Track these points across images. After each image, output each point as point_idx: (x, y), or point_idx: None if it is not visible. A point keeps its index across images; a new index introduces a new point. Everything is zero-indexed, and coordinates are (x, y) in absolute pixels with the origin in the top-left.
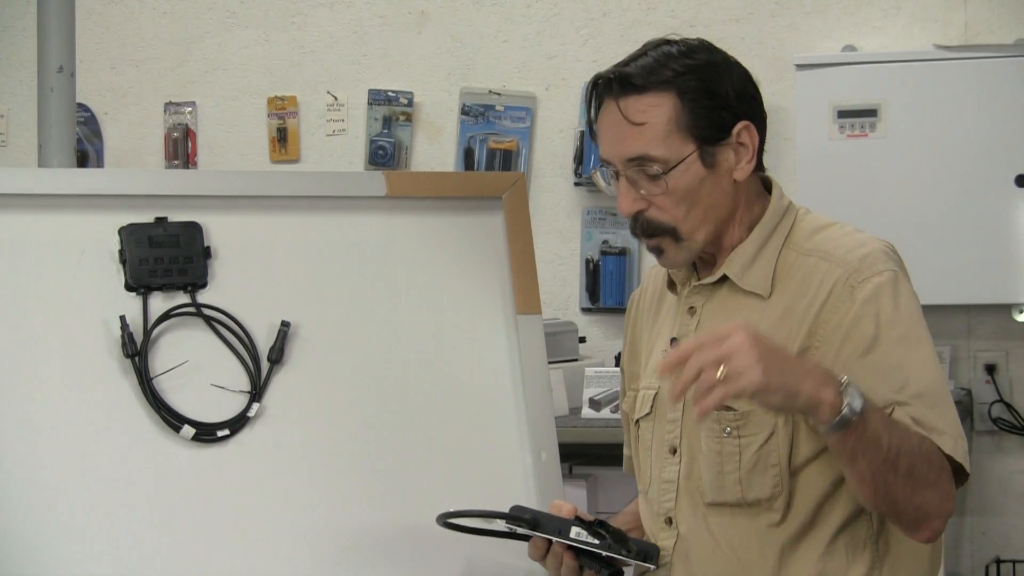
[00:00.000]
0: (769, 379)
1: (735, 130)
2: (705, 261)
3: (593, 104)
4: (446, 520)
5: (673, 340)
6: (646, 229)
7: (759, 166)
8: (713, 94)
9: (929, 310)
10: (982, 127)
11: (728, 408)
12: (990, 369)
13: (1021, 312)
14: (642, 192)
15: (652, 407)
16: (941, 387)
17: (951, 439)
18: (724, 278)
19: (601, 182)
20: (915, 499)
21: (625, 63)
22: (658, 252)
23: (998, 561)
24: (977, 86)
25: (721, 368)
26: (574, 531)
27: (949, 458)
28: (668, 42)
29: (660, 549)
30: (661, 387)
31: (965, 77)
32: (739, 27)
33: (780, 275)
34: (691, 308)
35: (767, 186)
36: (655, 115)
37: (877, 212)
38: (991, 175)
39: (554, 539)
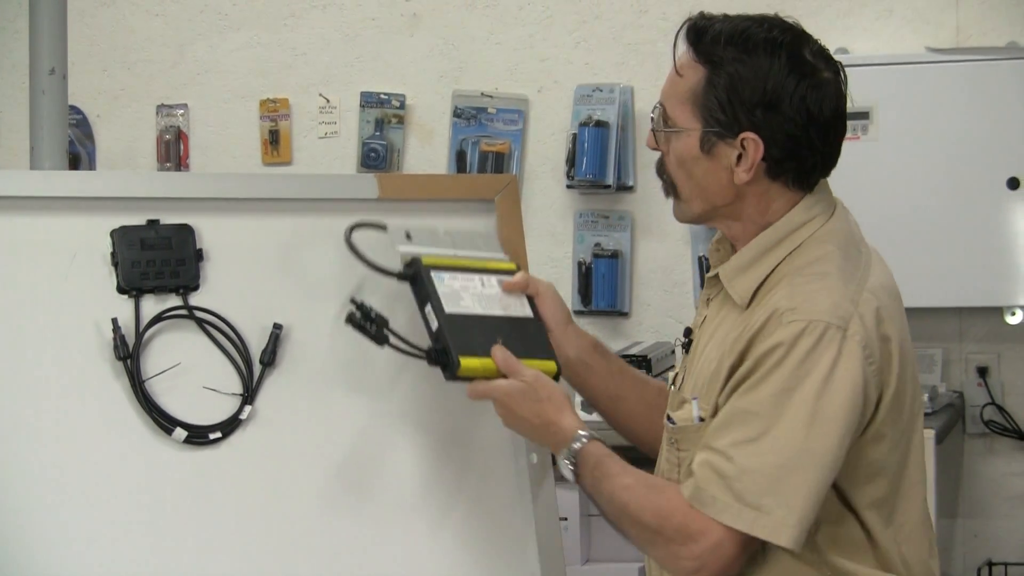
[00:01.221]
0: (512, 428)
1: (740, 137)
2: (735, 250)
3: None
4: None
5: (688, 330)
6: (659, 171)
7: (801, 183)
8: (735, 94)
9: (921, 312)
10: (974, 130)
11: (671, 421)
12: (982, 372)
13: (1013, 314)
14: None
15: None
16: (777, 464)
17: (745, 512)
18: None
19: None
20: (649, 555)
21: (719, 17)
22: (668, 196)
23: (990, 564)
24: (969, 89)
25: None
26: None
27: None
28: (762, 23)
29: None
30: (678, 372)
31: (957, 80)
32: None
33: (766, 288)
34: (708, 299)
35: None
36: (688, 76)
37: (868, 215)
38: (983, 178)
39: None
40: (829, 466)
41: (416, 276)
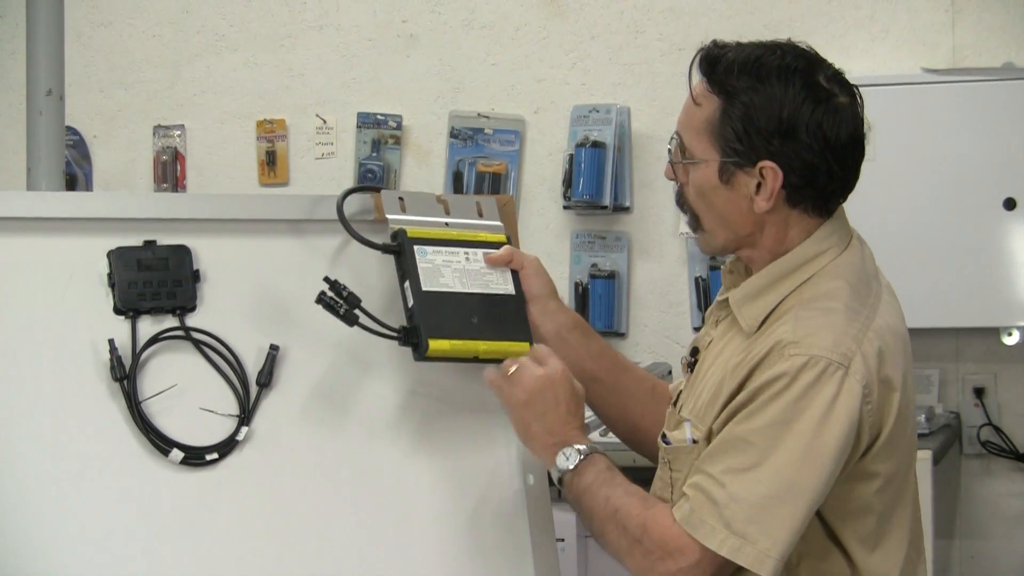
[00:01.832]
0: (516, 407)
1: (759, 165)
2: (750, 273)
3: None
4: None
5: (694, 350)
6: (679, 203)
7: (819, 210)
8: (751, 123)
9: (918, 333)
10: (971, 150)
11: (666, 441)
12: (978, 392)
13: (1010, 335)
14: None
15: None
16: (767, 495)
17: (730, 539)
18: None
19: None
20: (623, 564)
21: (731, 46)
22: (692, 229)
23: None
24: (965, 109)
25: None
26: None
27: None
28: (775, 50)
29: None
30: (684, 388)
31: (953, 100)
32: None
33: (774, 317)
34: (716, 321)
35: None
36: (704, 106)
37: (866, 235)
38: (980, 198)
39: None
40: (814, 500)
41: (399, 249)
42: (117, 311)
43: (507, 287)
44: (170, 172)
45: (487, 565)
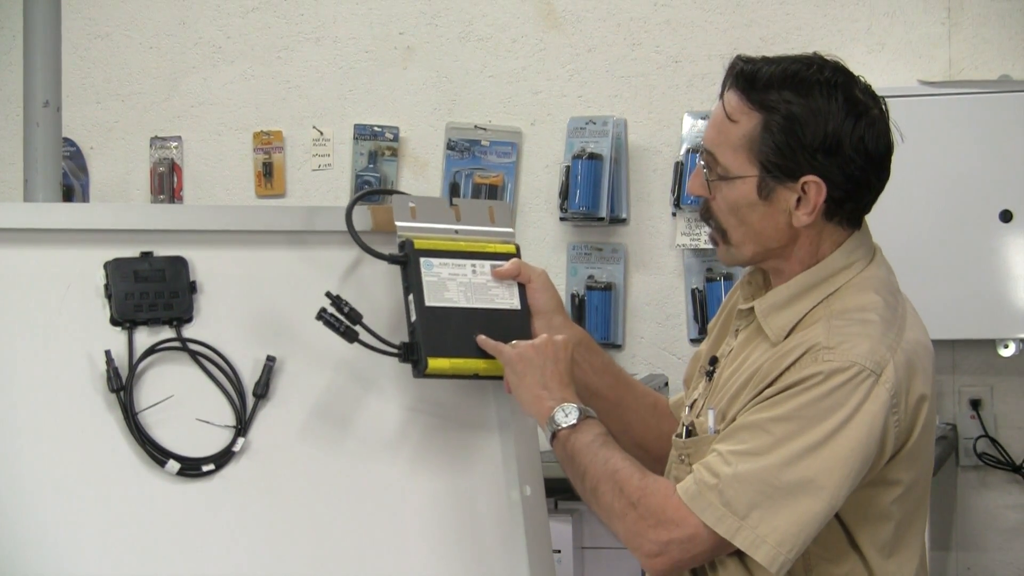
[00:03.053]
0: (515, 390)
1: (801, 180)
2: (768, 283)
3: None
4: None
5: (714, 359)
6: (704, 216)
7: (851, 221)
8: (794, 138)
9: None
10: (967, 163)
11: (680, 436)
12: (975, 404)
13: (1006, 347)
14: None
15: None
16: (771, 482)
17: (727, 518)
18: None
19: None
20: (611, 525)
21: (763, 60)
22: (714, 243)
23: None
24: (962, 122)
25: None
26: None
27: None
28: (811, 65)
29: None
30: (699, 396)
31: (950, 113)
32: (724, 63)
33: (801, 327)
34: (736, 330)
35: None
36: (741, 122)
37: None
38: (976, 210)
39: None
40: (827, 502)
41: (406, 260)
42: (114, 322)
43: (512, 301)
44: (167, 184)
45: (484, 574)
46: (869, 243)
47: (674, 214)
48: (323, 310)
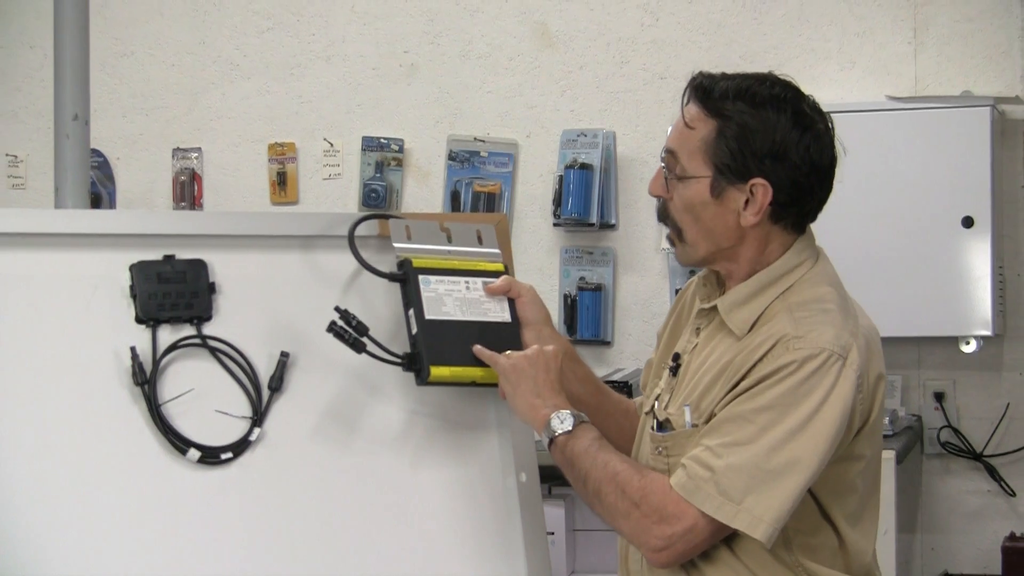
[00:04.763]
0: (515, 384)
1: (750, 182)
2: (723, 285)
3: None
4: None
5: (676, 355)
6: (660, 215)
7: (796, 226)
8: (745, 144)
9: (882, 341)
10: (931, 172)
11: (661, 427)
12: (939, 397)
13: (968, 344)
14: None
15: (652, 408)
16: (761, 467)
17: (725, 505)
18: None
19: None
20: (615, 524)
21: (721, 76)
22: (671, 243)
23: (947, 575)
24: (927, 134)
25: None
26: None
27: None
28: (763, 81)
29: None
30: (663, 390)
31: (915, 126)
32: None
33: (763, 320)
34: (697, 329)
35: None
36: (699, 128)
37: (834, 250)
38: (940, 217)
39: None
40: (809, 477)
41: (405, 278)
42: (138, 320)
43: (504, 315)
44: (188, 191)
45: (483, 555)
46: (814, 246)
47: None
48: (333, 323)
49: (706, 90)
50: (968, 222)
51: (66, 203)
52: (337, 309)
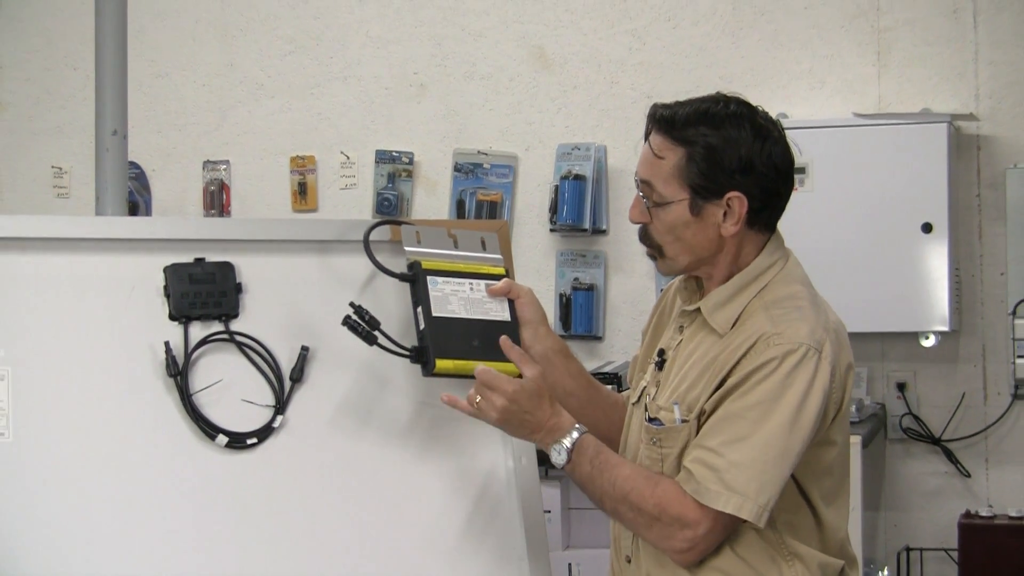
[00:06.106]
0: (505, 427)
1: (726, 197)
2: (701, 287)
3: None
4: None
5: (661, 351)
6: (642, 239)
7: (768, 227)
8: (715, 163)
9: (849, 336)
10: (894, 182)
11: (653, 421)
12: (901, 387)
13: (927, 338)
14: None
15: (639, 398)
16: (761, 459)
17: (733, 498)
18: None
19: None
20: (639, 534)
21: (677, 104)
22: (653, 259)
23: (907, 549)
24: (890, 148)
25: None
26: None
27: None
28: (718, 102)
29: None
30: (649, 383)
31: (879, 140)
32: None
33: (743, 318)
34: (680, 327)
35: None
36: (668, 157)
37: (806, 254)
38: (901, 223)
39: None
40: (795, 461)
41: (415, 279)
42: (172, 318)
43: (504, 315)
44: (217, 200)
45: (485, 531)
46: (784, 246)
47: None
48: (348, 317)
49: (668, 120)
50: (927, 228)
51: (106, 211)
52: (352, 304)
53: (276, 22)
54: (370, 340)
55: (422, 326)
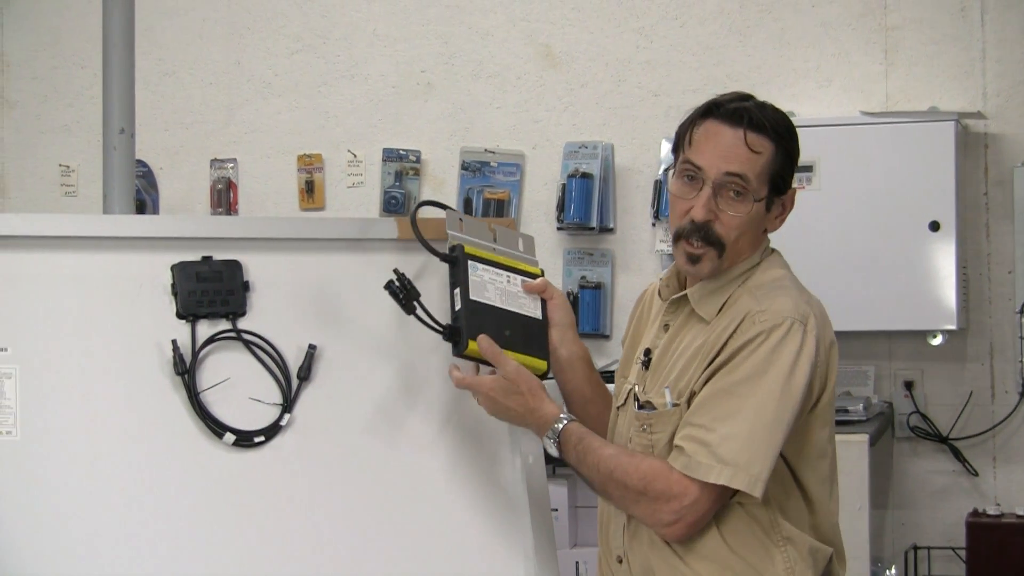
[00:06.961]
0: (501, 419)
1: (790, 191)
2: (683, 284)
3: (710, 121)
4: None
5: (647, 351)
6: (707, 237)
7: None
8: (791, 159)
9: (857, 335)
10: (901, 181)
11: (644, 407)
12: (908, 385)
13: (934, 337)
14: (719, 206)
15: (625, 401)
16: (753, 430)
17: (725, 470)
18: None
19: (672, 180)
20: (627, 511)
21: (752, 105)
22: (695, 260)
23: (915, 548)
24: (897, 146)
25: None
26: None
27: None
28: (777, 110)
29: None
30: (635, 385)
31: (886, 139)
32: (696, 96)
33: (728, 305)
34: (665, 325)
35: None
36: (764, 153)
37: (814, 252)
38: (909, 221)
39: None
40: (786, 431)
41: (456, 260)
42: (179, 316)
43: (536, 312)
44: (224, 198)
45: (493, 529)
46: (769, 244)
47: (653, 224)
48: (391, 282)
49: (757, 119)
50: (935, 226)
51: (113, 209)
52: (396, 271)
53: (283, 20)
54: (409, 309)
55: (458, 307)
